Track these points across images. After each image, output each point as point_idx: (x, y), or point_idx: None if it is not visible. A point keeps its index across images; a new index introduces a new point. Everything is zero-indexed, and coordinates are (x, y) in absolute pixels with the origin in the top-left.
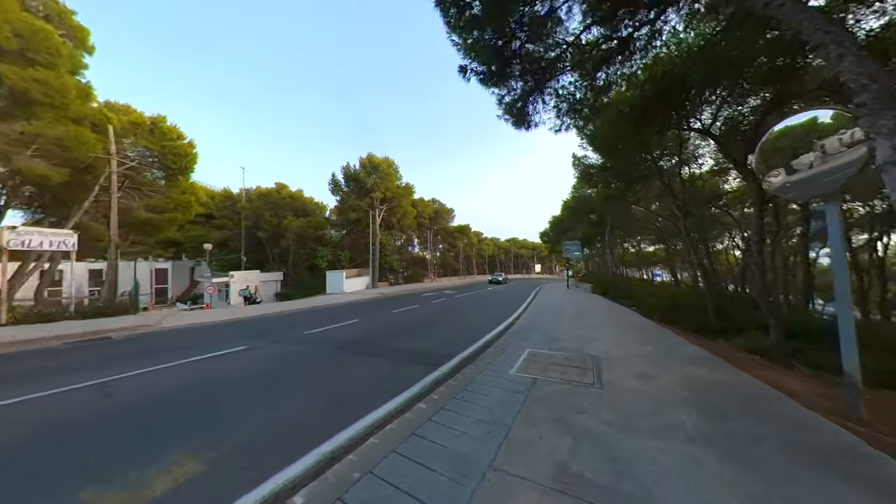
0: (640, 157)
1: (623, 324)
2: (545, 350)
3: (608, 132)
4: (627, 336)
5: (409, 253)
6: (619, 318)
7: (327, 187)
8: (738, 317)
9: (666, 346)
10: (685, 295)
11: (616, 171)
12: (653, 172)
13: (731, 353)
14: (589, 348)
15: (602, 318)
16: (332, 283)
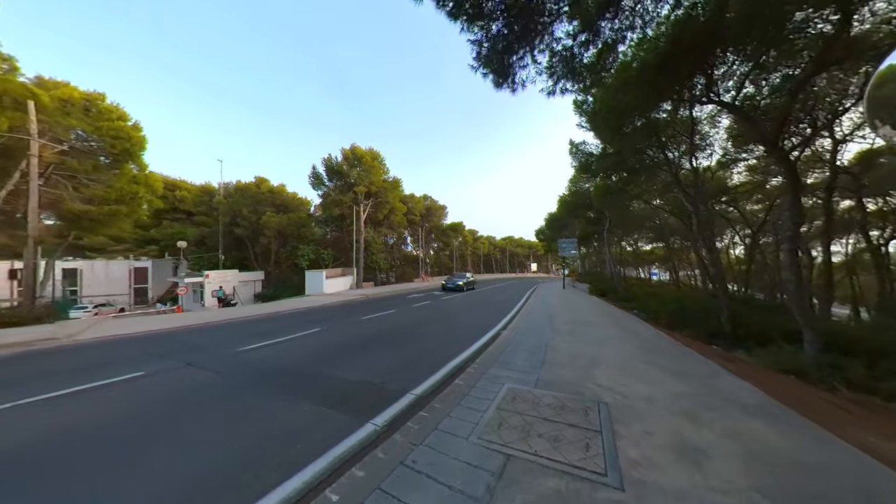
0: (646, 140)
1: (629, 335)
2: (530, 386)
3: (612, 106)
4: (639, 357)
5: (402, 251)
6: (623, 327)
7: (307, 181)
8: (756, 323)
9: (696, 377)
10: (691, 297)
11: (618, 160)
12: (659, 163)
13: (780, 386)
14: (591, 381)
15: (603, 325)
16: (311, 284)
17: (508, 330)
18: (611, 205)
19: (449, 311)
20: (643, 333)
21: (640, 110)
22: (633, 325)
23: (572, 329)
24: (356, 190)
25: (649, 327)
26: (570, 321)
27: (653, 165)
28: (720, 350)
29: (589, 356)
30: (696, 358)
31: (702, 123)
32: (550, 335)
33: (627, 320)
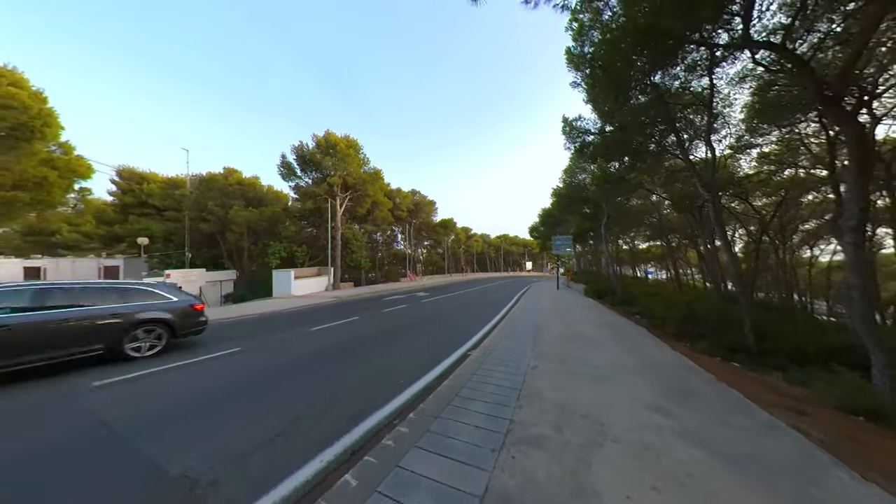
0: (655, 112)
1: (640, 363)
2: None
3: (613, 54)
4: (665, 413)
5: (393, 249)
6: (629, 345)
7: (276, 171)
8: (787, 335)
9: (786, 474)
10: (700, 300)
11: (620, 141)
12: (667, 147)
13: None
14: (590, 495)
15: (604, 344)
16: (278, 285)
17: (479, 350)
18: (610, 196)
19: (419, 319)
20: (658, 358)
21: (654, 58)
22: (641, 343)
23: (563, 351)
24: (330, 181)
25: (662, 346)
26: (560, 337)
27: (659, 151)
28: (751, 372)
29: (584, 412)
30: (757, 415)
31: (720, 94)
32: (532, 363)
33: (631, 332)
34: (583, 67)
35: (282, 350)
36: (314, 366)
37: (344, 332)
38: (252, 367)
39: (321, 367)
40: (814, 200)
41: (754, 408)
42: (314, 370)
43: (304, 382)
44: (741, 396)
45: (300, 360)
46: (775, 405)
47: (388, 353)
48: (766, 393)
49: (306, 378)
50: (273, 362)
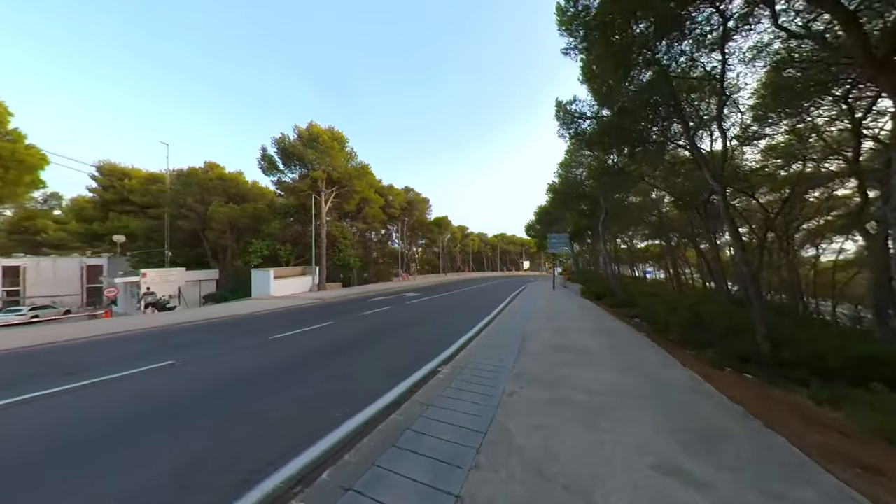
0: (659, 93)
1: (646, 387)
2: None
3: (611, 6)
4: (690, 483)
5: (388, 248)
6: (631, 359)
7: (257, 165)
8: (806, 343)
9: None
10: (705, 302)
11: (618, 127)
12: (669, 136)
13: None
14: None
15: (601, 360)
16: (257, 285)
17: (451, 366)
18: (608, 190)
19: (398, 325)
20: (666, 378)
21: (659, 21)
22: (644, 355)
23: (550, 369)
24: (313, 175)
25: (668, 359)
26: (549, 348)
27: (662, 141)
28: (767, 389)
29: (567, 478)
30: (819, 480)
31: (732, 71)
32: (509, 387)
33: (631, 340)
34: (576, 29)
35: (221, 364)
36: (243, 388)
37: (305, 342)
38: (174, 388)
39: (253, 389)
40: (820, 197)
41: (811, 465)
42: (238, 395)
43: (216, 414)
44: (787, 444)
45: (233, 379)
46: (832, 456)
47: (345, 370)
48: (804, 425)
49: (221, 407)
50: (201, 381)
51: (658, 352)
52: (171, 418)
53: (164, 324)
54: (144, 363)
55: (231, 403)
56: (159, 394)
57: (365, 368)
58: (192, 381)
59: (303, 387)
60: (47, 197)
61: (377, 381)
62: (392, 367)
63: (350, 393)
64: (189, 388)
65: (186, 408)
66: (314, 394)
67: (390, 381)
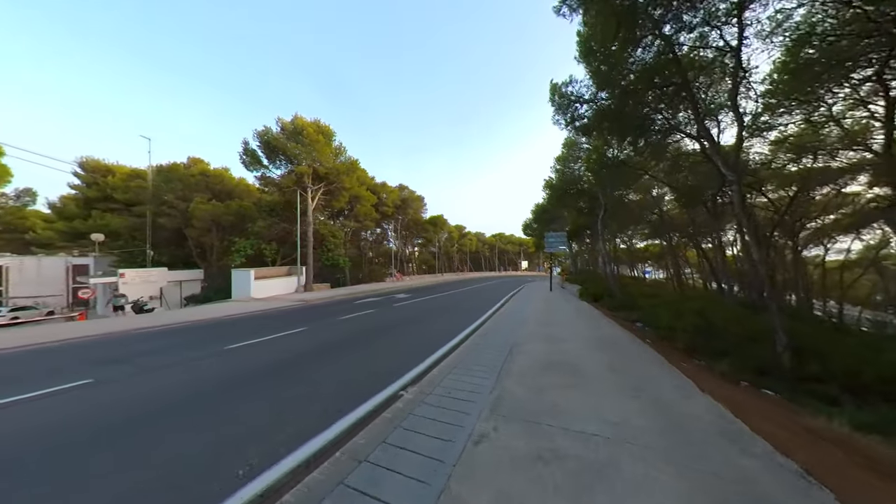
0: (666, 72)
1: (662, 420)
2: None
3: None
4: None
5: (383, 248)
6: (637, 380)
7: (238, 160)
8: (835, 355)
9: None
10: (713, 305)
11: (620, 112)
12: (677, 123)
13: None
14: None
15: (601, 384)
16: (237, 287)
17: (417, 388)
18: (607, 184)
19: (374, 332)
20: (685, 411)
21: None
22: (652, 375)
23: (536, 398)
24: (298, 170)
25: (683, 381)
26: (539, 365)
27: (667, 129)
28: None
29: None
30: None
31: (750, 47)
32: (479, 427)
33: (634, 354)
34: None
35: (151, 383)
36: (154, 420)
37: (263, 352)
38: (70, 419)
39: (168, 419)
40: (827, 195)
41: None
42: (145, 430)
43: (106, 462)
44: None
45: (153, 405)
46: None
47: (287, 394)
48: (881, 480)
49: (119, 450)
50: (111, 409)
51: (667, 370)
52: (36, 467)
53: (123, 329)
54: (58, 382)
55: (130, 443)
56: (44, 430)
57: (312, 392)
58: (98, 408)
59: (225, 422)
60: (19, 193)
61: (316, 415)
62: (348, 389)
63: (271, 435)
64: (88, 420)
65: (65, 451)
66: (228, 436)
67: (335, 414)
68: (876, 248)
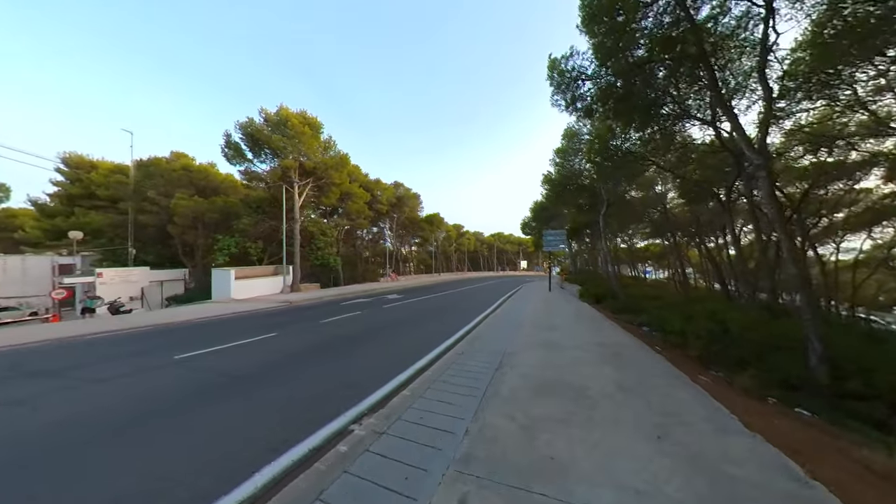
0: (683, 42)
1: (703, 476)
2: None
3: None
4: None
5: (381, 247)
6: (660, 406)
7: (220, 153)
8: (881, 369)
9: None
10: (727, 308)
11: (628, 91)
12: (691, 105)
13: None
14: None
15: (608, 399)
16: (217, 287)
17: (375, 419)
18: (609, 178)
19: (353, 338)
20: (746, 469)
21: None
22: (677, 399)
23: (525, 442)
24: (284, 164)
25: (724, 415)
26: (533, 388)
27: (679, 113)
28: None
29: None
30: None
31: (779, 13)
32: (440, 498)
33: (648, 368)
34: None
35: (64, 406)
36: (59, 453)
37: (216, 363)
38: None
39: (69, 455)
40: (841, 189)
41: None
42: (51, 464)
43: None
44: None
45: (69, 432)
46: None
47: (221, 421)
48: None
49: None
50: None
51: (690, 390)
52: None
53: (80, 334)
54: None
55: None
56: None
57: (249, 422)
58: None
59: (121, 473)
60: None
61: (235, 461)
62: (293, 419)
63: (172, 490)
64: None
65: None
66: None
67: (264, 455)
68: (887, 246)
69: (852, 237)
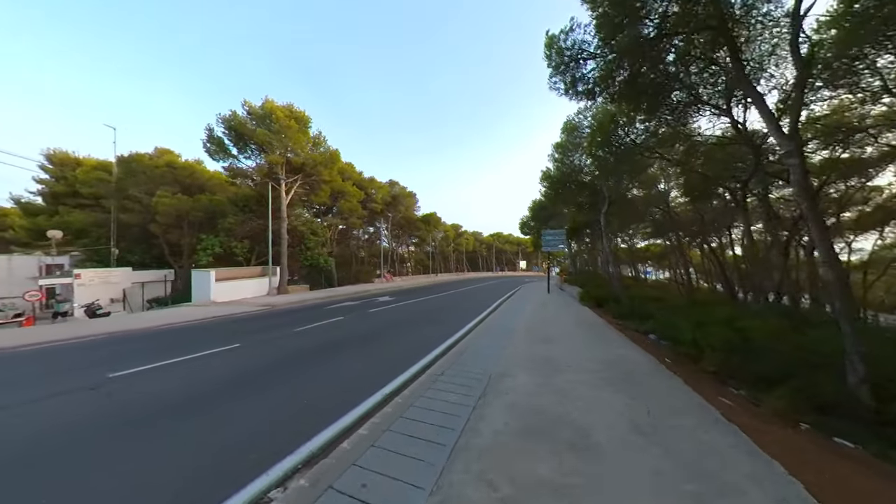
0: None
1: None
2: None
3: None
4: None
5: (378, 247)
6: (695, 459)
7: (202, 148)
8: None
9: None
10: (740, 312)
11: (636, 71)
12: (699, 96)
13: None
14: None
15: (622, 446)
16: (197, 289)
17: (320, 471)
18: (612, 172)
19: (323, 350)
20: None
21: None
22: (722, 459)
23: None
24: (269, 159)
25: (792, 485)
26: (522, 431)
27: (692, 98)
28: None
29: None
30: None
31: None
32: None
33: (670, 399)
34: None
35: None
36: None
37: (146, 388)
38: None
39: None
40: (853, 187)
41: None
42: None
43: None
44: None
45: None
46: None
47: (106, 480)
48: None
49: None
50: None
51: (731, 435)
52: None
53: (28, 343)
54: None
55: None
56: None
57: (145, 482)
58: None
59: None
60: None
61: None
62: (196, 481)
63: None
64: None
65: None
66: None
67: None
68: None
69: (860, 237)
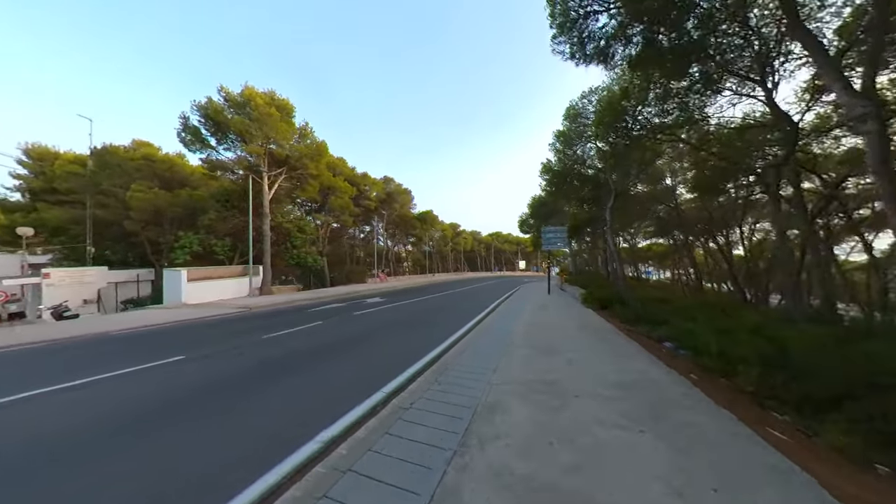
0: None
1: None
2: None
3: None
4: None
5: (375, 246)
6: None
7: (177, 138)
8: None
9: None
10: (772, 320)
11: (648, 38)
12: (727, 63)
13: None
14: None
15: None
16: (169, 290)
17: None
18: (620, 160)
19: (287, 366)
20: None
21: None
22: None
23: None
24: (249, 150)
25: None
26: (521, 496)
27: (715, 72)
28: None
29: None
30: None
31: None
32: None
33: (715, 429)
34: None
35: None
36: None
37: (53, 417)
38: None
39: None
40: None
41: None
42: None
43: None
44: None
45: None
46: None
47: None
48: None
49: None
50: None
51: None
52: None
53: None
54: None
55: None
56: None
57: None
58: None
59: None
60: None
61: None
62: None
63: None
64: None
65: None
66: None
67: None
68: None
69: (870, 234)
